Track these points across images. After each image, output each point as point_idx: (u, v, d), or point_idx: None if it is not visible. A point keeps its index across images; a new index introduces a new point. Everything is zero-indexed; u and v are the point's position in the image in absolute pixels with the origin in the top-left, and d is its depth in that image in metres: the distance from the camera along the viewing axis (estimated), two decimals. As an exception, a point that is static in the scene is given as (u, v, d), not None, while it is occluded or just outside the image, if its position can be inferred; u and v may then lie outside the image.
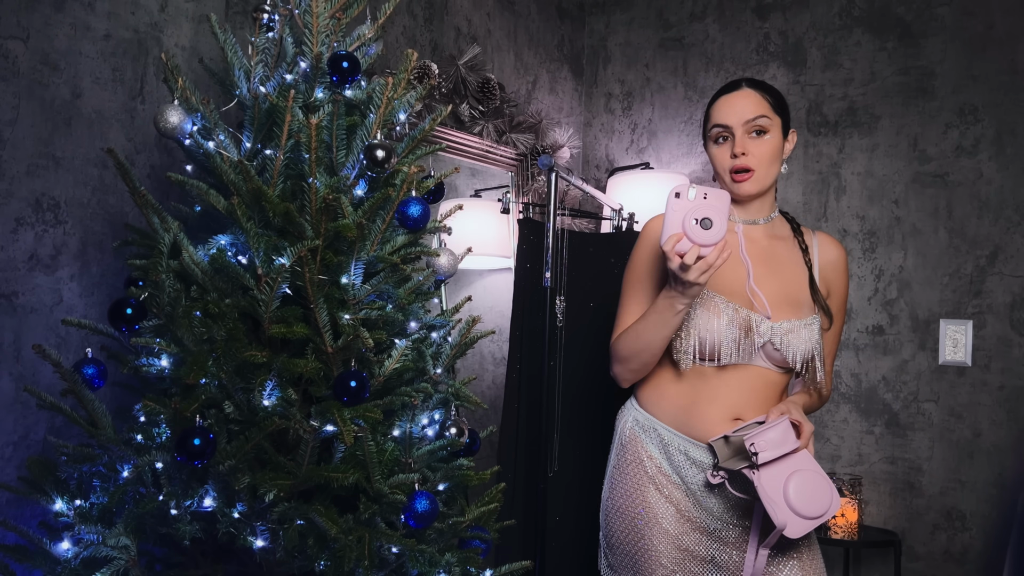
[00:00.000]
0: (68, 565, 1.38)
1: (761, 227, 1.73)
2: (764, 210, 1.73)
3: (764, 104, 1.67)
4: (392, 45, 2.63)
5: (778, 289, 1.67)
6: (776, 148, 1.67)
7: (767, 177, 1.67)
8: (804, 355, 1.63)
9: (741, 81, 1.71)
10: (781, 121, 1.69)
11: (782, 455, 1.53)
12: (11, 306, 1.77)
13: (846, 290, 1.79)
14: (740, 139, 1.65)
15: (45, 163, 1.82)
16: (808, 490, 1.53)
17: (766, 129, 1.66)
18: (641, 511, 1.65)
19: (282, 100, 1.53)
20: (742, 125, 1.65)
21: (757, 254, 1.69)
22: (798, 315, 1.66)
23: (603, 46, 3.55)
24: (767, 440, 1.53)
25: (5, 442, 1.76)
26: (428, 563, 1.51)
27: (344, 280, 1.49)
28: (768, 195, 1.73)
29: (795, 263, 1.72)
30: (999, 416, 2.69)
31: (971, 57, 2.78)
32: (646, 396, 1.73)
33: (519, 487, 2.47)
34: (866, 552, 2.87)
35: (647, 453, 1.68)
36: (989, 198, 2.74)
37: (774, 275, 1.68)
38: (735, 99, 1.68)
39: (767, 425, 1.55)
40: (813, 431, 1.61)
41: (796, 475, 1.53)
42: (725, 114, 1.67)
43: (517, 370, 2.52)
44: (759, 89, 1.69)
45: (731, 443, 1.57)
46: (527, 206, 2.74)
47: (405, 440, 1.53)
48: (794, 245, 1.74)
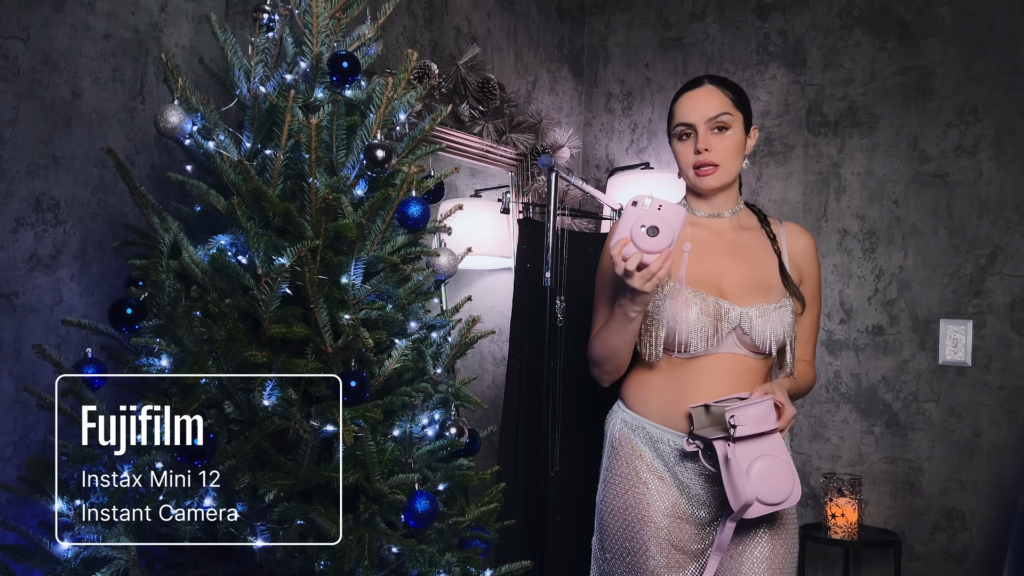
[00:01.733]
0: (68, 565, 1.38)
1: (727, 219, 1.77)
2: (729, 203, 1.77)
3: (726, 101, 1.70)
4: (392, 45, 2.63)
5: (746, 275, 1.71)
6: (738, 144, 1.71)
7: (730, 172, 1.71)
8: (776, 338, 1.66)
9: (703, 78, 1.75)
10: (743, 117, 1.73)
11: (758, 433, 1.55)
12: (11, 306, 1.77)
13: (818, 276, 1.83)
14: (703, 135, 1.69)
15: (45, 163, 1.82)
16: (771, 475, 1.54)
17: (728, 125, 1.70)
18: (634, 509, 1.67)
19: (282, 100, 1.53)
20: (705, 122, 1.69)
21: (723, 245, 1.73)
22: (767, 299, 1.69)
23: (603, 46, 3.55)
24: (747, 416, 1.54)
25: (5, 442, 1.76)
26: (428, 563, 1.51)
27: (344, 280, 1.49)
28: (732, 189, 1.77)
29: (763, 251, 1.76)
30: (999, 416, 2.69)
31: (971, 57, 2.78)
32: (631, 396, 1.75)
33: (519, 487, 2.47)
34: (866, 552, 2.87)
35: (637, 452, 1.70)
36: (989, 198, 2.74)
37: (741, 262, 1.72)
38: (697, 96, 1.71)
39: (750, 401, 1.56)
40: (794, 416, 1.63)
41: (764, 458, 1.55)
42: (688, 111, 1.71)
43: (517, 370, 2.52)
44: (721, 86, 1.73)
45: (711, 413, 1.58)
46: (527, 206, 2.74)
47: (405, 440, 1.53)
48: (762, 235, 1.78)
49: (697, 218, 1.77)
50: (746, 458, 1.54)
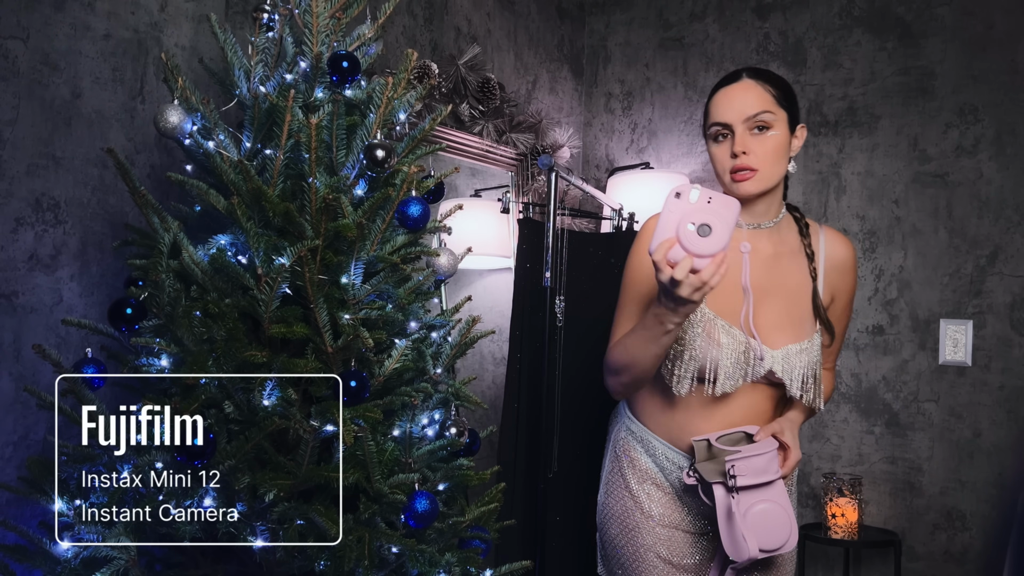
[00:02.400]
0: (68, 565, 1.38)
1: (767, 232, 1.61)
2: (771, 212, 1.60)
3: (766, 97, 1.53)
4: (392, 45, 2.63)
5: (780, 309, 1.58)
6: (781, 145, 1.54)
7: (771, 176, 1.54)
8: (802, 376, 1.56)
9: (742, 72, 1.56)
10: (787, 115, 1.55)
11: (760, 484, 1.47)
12: (11, 306, 1.77)
13: (852, 292, 1.68)
14: (740, 137, 1.52)
15: (45, 163, 1.82)
16: (768, 522, 1.46)
17: (769, 125, 1.52)
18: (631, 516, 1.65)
19: (282, 100, 1.53)
20: (742, 122, 1.52)
21: (760, 271, 1.57)
22: (799, 337, 1.57)
23: (603, 46, 3.55)
24: (749, 466, 1.46)
25: (5, 442, 1.76)
26: (428, 563, 1.51)
27: (344, 280, 1.49)
28: (774, 195, 1.59)
29: (799, 274, 1.61)
30: (999, 416, 2.69)
31: (971, 57, 2.78)
32: (640, 407, 1.69)
33: (519, 487, 2.47)
34: (866, 552, 2.87)
35: (639, 461, 1.66)
36: (989, 198, 2.74)
37: (777, 296, 1.58)
38: (734, 93, 1.54)
39: (754, 449, 1.48)
40: (799, 461, 1.55)
41: (762, 504, 1.46)
42: (724, 110, 1.54)
43: (517, 370, 2.52)
44: (762, 80, 1.55)
45: (713, 451, 1.50)
46: (527, 206, 2.74)
47: (405, 440, 1.53)
48: (799, 254, 1.62)
49: (738, 231, 1.59)
50: (745, 505, 1.47)
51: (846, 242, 1.67)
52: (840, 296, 1.66)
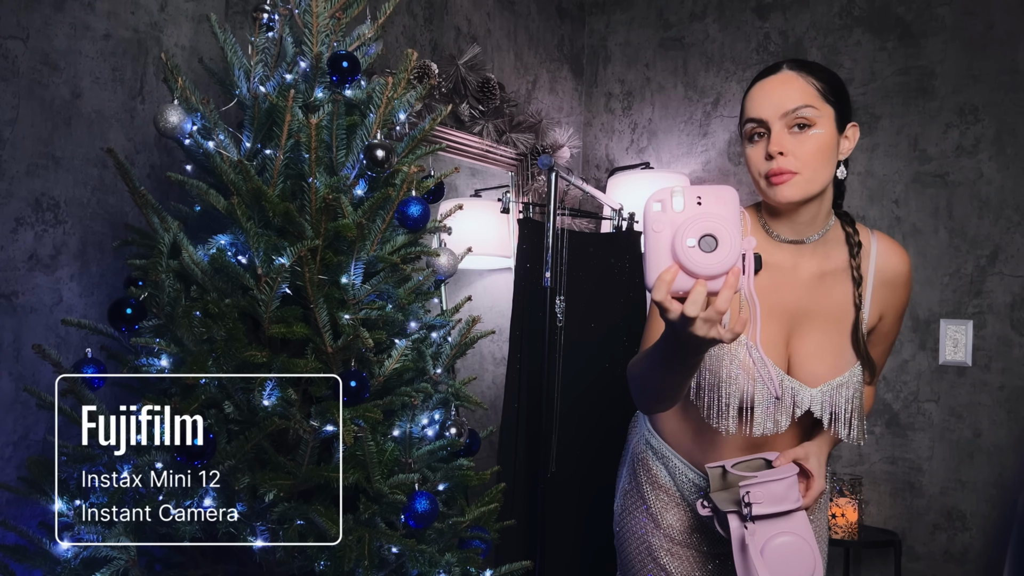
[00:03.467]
0: (68, 565, 1.38)
1: (810, 248, 1.41)
2: (817, 223, 1.41)
3: (809, 91, 1.34)
4: (392, 45, 2.63)
5: (822, 341, 1.41)
6: (826, 145, 1.34)
7: (814, 181, 1.33)
8: (836, 411, 1.40)
9: (782, 63, 1.37)
10: (835, 112, 1.36)
11: (778, 513, 1.32)
12: (11, 306, 1.77)
13: (904, 307, 1.49)
14: (777, 135, 1.32)
15: (45, 163, 1.81)
16: (789, 556, 1.31)
17: (811, 122, 1.33)
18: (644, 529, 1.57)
19: (282, 100, 1.53)
20: (780, 118, 1.33)
21: (801, 292, 1.40)
22: (840, 369, 1.41)
23: (603, 46, 3.55)
24: (766, 492, 1.31)
25: (5, 442, 1.76)
26: (428, 563, 1.51)
27: (344, 280, 1.49)
28: (820, 203, 1.39)
29: (844, 297, 1.42)
30: (999, 416, 2.69)
31: (971, 57, 2.78)
32: (660, 422, 1.57)
33: (519, 487, 2.47)
34: (866, 552, 2.87)
35: (658, 475, 1.57)
36: (989, 198, 2.74)
37: (818, 321, 1.41)
38: (772, 85, 1.35)
39: (772, 474, 1.33)
40: (823, 492, 1.39)
41: (782, 537, 1.31)
42: (760, 105, 1.34)
43: (517, 370, 2.52)
44: (805, 72, 1.35)
45: (728, 478, 1.37)
46: (527, 206, 2.74)
47: (405, 440, 1.52)
48: (846, 273, 1.43)
49: (774, 243, 1.41)
50: (763, 536, 1.32)
51: (902, 254, 1.47)
52: (889, 313, 1.48)
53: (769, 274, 1.38)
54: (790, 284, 1.40)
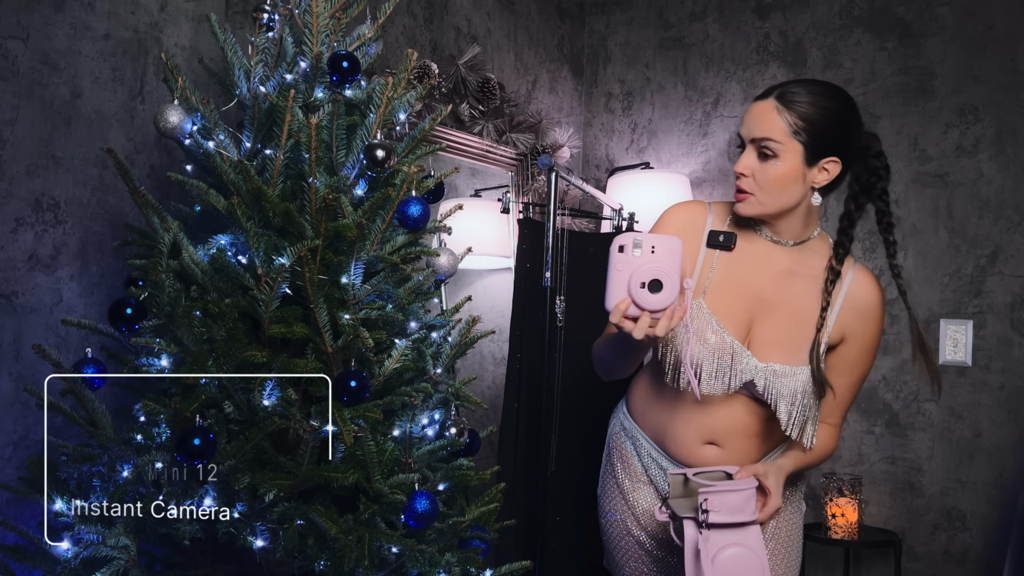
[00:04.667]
0: (68, 565, 1.38)
1: (786, 250, 1.55)
2: (791, 234, 1.55)
3: (780, 126, 1.45)
4: (392, 45, 2.63)
5: (779, 331, 1.52)
6: (783, 177, 1.46)
7: (768, 205, 1.49)
8: (788, 403, 1.48)
9: (775, 90, 1.49)
10: (803, 148, 1.45)
11: (733, 523, 1.38)
12: (11, 306, 1.77)
13: (871, 341, 1.56)
14: (746, 156, 1.49)
15: (45, 163, 1.82)
16: (738, 570, 1.36)
17: (774, 153, 1.45)
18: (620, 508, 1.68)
19: (282, 100, 1.53)
20: (751, 142, 1.48)
21: (768, 282, 1.54)
22: (791, 360, 1.50)
23: (603, 46, 3.55)
24: (724, 502, 1.37)
25: (5, 442, 1.76)
26: (428, 563, 1.51)
27: (344, 280, 1.49)
28: (791, 220, 1.53)
29: (810, 303, 1.53)
30: (999, 416, 2.69)
31: (971, 57, 2.78)
32: (635, 403, 1.71)
33: (519, 487, 2.47)
34: (866, 552, 2.87)
35: (629, 457, 1.69)
36: (989, 198, 2.74)
37: (780, 313, 1.53)
38: (755, 111, 1.49)
39: (731, 485, 1.40)
40: (778, 510, 1.46)
41: (733, 549, 1.37)
42: (744, 124, 1.51)
43: (517, 370, 2.52)
44: (788, 106, 1.45)
45: (689, 486, 1.43)
46: (527, 206, 2.74)
47: (405, 440, 1.53)
48: (816, 285, 1.53)
49: (755, 235, 1.57)
50: (715, 545, 1.37)
51: (875, 286, 1.56)
52: (853, 340, 1.55)
53: (742, 257, 1.55)
54: (761, 270, 1.55)
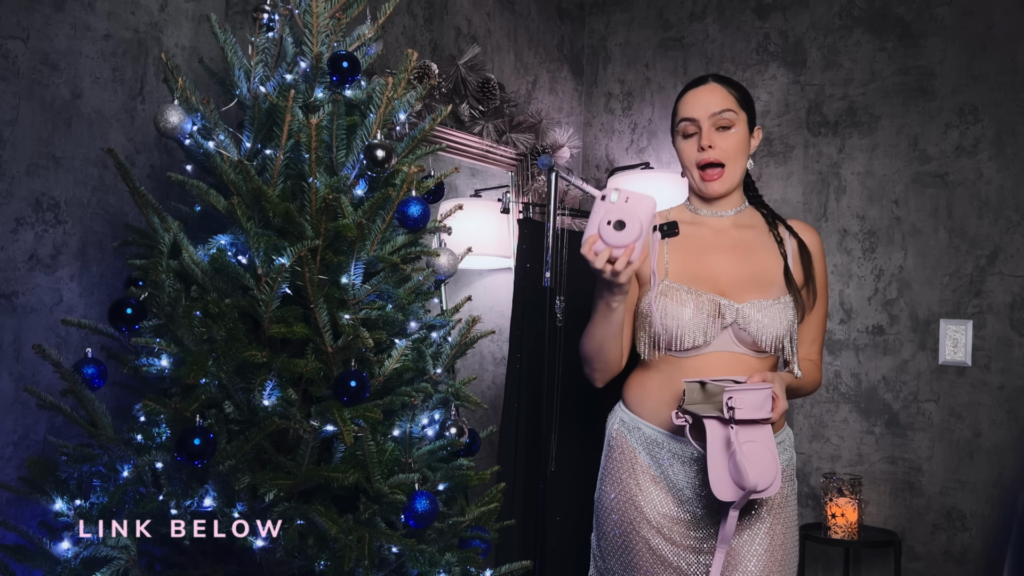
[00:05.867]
0: (68, 565, 1.38)
1: (729, 218, 1.77)
2: (732, 203, 1.77)
3: (730, 99, 1.71)
4: (392, 45, 2.63)
5: (745, 271, 1.70)
6: (742, 142, 1.72)
7: (735, 173, 1.72)
8: (775, 334, 1.65)
9: (708, 77, 1.76)
10: (747, 116, 1.73)
11: (753, 420, 1.52)
12: (11, 306, 1.77)
13: (823, 278, 1.80)
14: (707, 132, 1.70)
15: (45, 163, 1.82)
16: (759, 460, 1.51)
17: (732, 123, 1.70)
18: (628, 507, 1.68)
19: (282, 100, 1.53)
20: (708, 118, 1.69)
21: (723, 242, 1.73)
22: (765, 295, 1.69)
23: (603, 46, 3.55)
24: (747, 400, 1.51)
25: (5, 442, 1.76)
26: (428, 563, 1.51)
27: (344, 280, 1.49)
28: (739, 186, 1.77)
29: (765, 248, 1.75)
30: (999, 416, 2.69)
31: (971, 57, 2.78)
32: (630, 396, 1.76)
33: (519, 487, 2.47)
34: (866, 552, 2.87)
35: (632, 452, 1.71)
36: (989, 198, 2.74)
37: (741, 259, 1.71)
38: (702, 93, 1.72)
39: (749, 386, 1.54)
40: (785, 411, 1.60)
41: (753, 444, 1.52)
42: (692, 107, 1.72)
43: (517, 370, 2.52)
44: (725, 84, 1.74)
45: (706, 390, 1.57)
46: (527, 206, 2.74)
47: (405, 440, 1.53)
48: (766, 233, 1.77)
49: (698, 216, 1.78)
50: (742, 439, 1.52)
51: (811, 229, 1.82)
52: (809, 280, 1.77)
53: (691, 235, 1.73)
54: (713, 245, 1.73)
